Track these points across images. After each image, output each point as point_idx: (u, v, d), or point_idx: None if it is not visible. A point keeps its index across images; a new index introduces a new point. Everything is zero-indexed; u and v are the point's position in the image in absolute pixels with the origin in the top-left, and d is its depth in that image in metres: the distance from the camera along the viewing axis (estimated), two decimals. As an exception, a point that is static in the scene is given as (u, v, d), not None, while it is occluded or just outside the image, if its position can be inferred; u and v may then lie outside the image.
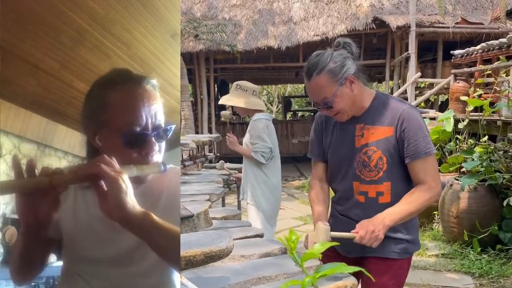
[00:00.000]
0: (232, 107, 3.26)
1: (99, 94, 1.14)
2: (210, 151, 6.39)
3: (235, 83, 3.28)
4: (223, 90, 13.06)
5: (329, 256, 1.72)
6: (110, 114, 1.11)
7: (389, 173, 1.60)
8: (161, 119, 1.15)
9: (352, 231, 1.53)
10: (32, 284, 3.51)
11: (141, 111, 1.11)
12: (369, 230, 1.49)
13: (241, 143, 3.27)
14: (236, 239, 1.74)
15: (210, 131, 9.99)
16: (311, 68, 1.57)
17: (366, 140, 1.62)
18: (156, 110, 1.15)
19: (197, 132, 9.47)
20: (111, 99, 1.12)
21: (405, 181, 1.63)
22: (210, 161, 5.20)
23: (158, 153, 1.15)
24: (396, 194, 1.61)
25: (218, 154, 5.62)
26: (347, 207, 1.70)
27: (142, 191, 1.11)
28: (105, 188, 0.95)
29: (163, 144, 1.17)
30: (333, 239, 1.54)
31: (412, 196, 1.57)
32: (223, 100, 3.27)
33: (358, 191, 1.65)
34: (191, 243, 1.26)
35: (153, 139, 1.13)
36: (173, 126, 1.17)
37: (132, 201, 0.96)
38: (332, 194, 1.84)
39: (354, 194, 1.67)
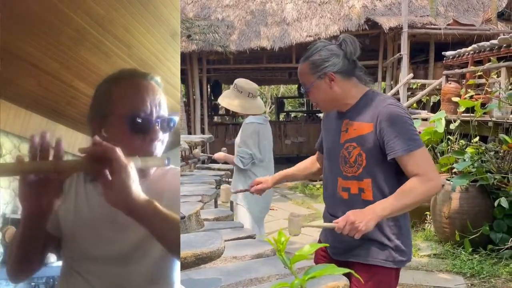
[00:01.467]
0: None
1: (105, 89, 1.19)
2: (202, 152, 6.37)
3: (235, 80, 3.18)
4: (216, 90, 13.03)
5: (320, 255, 1.75)
6: (115, 104, 1.15)
7: (369, 170, 1.58)
8: (164, 110, 1.19)
9: (334, 221, 1.51)
10: (32, 284, 3.49)
11: (145, 99, 1.15)
12: (349, 220, 1.45)
13: (233, 144, 3.25)
14: (228, 240, 1.74)
15: (202, 132, 9.97)
16: (304, 53, 1.66)
17: (349, 136, 1.62)
18: (160, 100, 1.19)
19: (189, 133, 9.45)
20: (117, 92, 1.16)
21: (388, 179, 1.59)
22: (203, 162, 5.18)
23: (161, 143, 1.18)
24: (378, 191, 1.58)
25: (210, 155, 5.60)
26: (333, 204, 1.70)
27: (144, 189, 1.11)
28: (110, 176, 0.94)
29: (166, 135, 1.20)
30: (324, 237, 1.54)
31: (405, 187, 1.52)
32: (220, 100, 3.23)
33: (341, 187, 1.65)
34: (182, 245, 1.25)
35: (157, 126, 1.15)
36: (177, 117, 1.21)
37: (138, 188, 0.96)
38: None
39: (338, 190, 1.66)
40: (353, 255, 1.63)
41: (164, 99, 1.21)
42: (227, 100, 3.15)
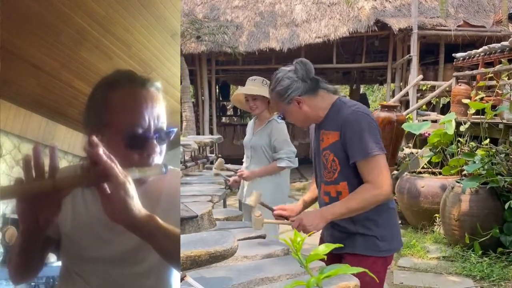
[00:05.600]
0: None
1: (102, 94, 1.15)
2: (211, 152, 6.40)
3: (260, 77, 3.04)
4: (225, 91, 13.08)
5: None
6: (112, 115, 1.11)
7: (343, 174, 1.74)
8: (163, 122, 1.16)
9: (291, 219, 1.81)
10: (32, 284, 3.51)
11: (143, 112, 1.11)
12: (301, 222, 1.69)
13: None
14: (239, 240, 1.75)
15: (211, 132, 10.00)
16: (270, 84, 1.83)
17: (324, 144, 1.79)
18: (159, 112, 1.15)
19: (198, 133, 9.48)
20: (114, 100, 1.12)
21: (361, 179, 1.73)
22: (212, 162, 5.20)
23: (159, 155, 1.15)
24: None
25: (219, 155, 5.62)
26: (320, 206, 1.88)
27: (141, 192, 1.11)
28: (110, 192, 0.94)
29: (164, 146, 1.17)
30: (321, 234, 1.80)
31: (354, 193, 1.69)
32: (250, 90, 2.98)
33: (323, 191, 1.83)
34: (196, 243, 1.26)
35: (154, 141, 1.13)
36: (175, 129, 1.17)
37: (137, 204, 0.96)
38: None
39: (321, 195, 1.86)
40: (343, 247, 1.74)
41: (164, 107, 1.17)
42: (266, 92, 2.87)
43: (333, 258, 1.78)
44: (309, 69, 1.77)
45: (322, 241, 1.99)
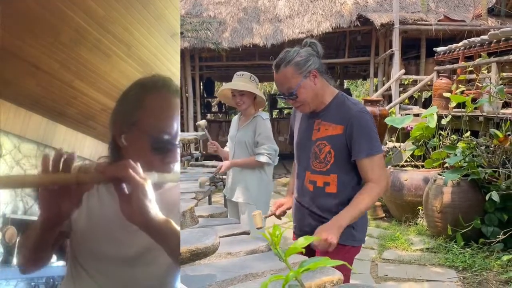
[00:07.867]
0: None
1: (137, 93, 1.16)
2: (196, 149, 6.38)
3: (247, 73, 3.05)
4: (209, 88, 13.02)
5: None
6: (142, 116, 1.12)
7: (336, 166, 1.77)
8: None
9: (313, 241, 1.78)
10: (32, 284, 3.48)
11: (173, 120, 1.13)
12: (323, 238, 1.64)
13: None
14: (223, 236, 1.74)
15: (196, 129, 9.95)
16: (279, 62, 1.78)
17: (320, 135, 1.80)
18: (179, 119, 1.16)
19: (182, 130, 9.43)
20: (148, 102, 1.13)
21: (351, 175, 1.79)
22: (196, 159, 5.18)
23: (179, 163, 1.17)
24: (342, 185, 1.79)
25: (204, 152, 5.60)
26: (300, 194, 1.92)
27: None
28: (129, 192, 0.94)
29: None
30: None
31: (362, 195, 1.74)
32: (237, 86, 2.98)
33: (308, 180, 1.85)
34: (177, 241, 1.25)
35: (178, 149, 1.14)
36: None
37: (155, 207, 0.96)
38: None
39: (305, 183, 1.86)
40: None
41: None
42: (252, 87, 2.98)
43: (308, 248, 1.81)
44: (321, 50, 1.81)
45: (295, 236, 2.01)
